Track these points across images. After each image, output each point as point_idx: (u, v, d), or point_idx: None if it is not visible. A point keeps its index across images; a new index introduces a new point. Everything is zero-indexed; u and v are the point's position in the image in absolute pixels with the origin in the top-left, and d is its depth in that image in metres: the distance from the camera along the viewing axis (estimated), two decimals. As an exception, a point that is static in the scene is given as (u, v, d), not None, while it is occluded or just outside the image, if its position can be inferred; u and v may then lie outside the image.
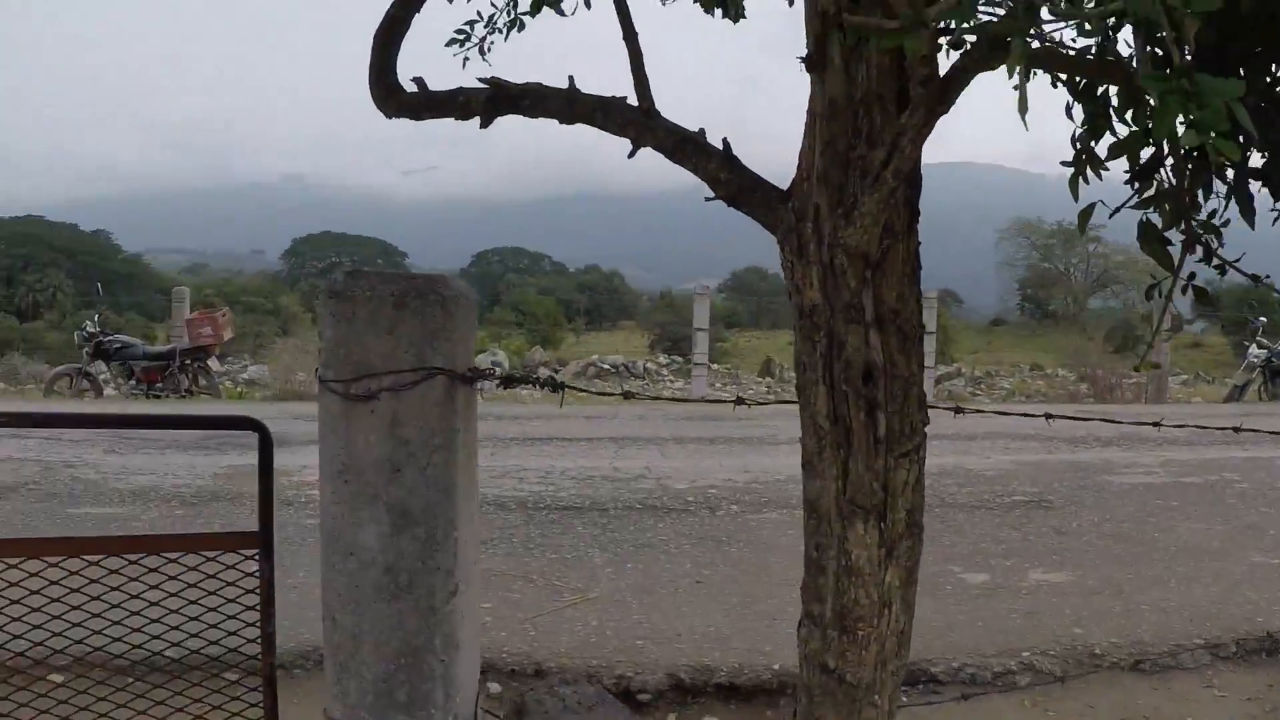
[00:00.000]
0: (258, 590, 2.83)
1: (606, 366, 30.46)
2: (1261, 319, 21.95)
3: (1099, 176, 2.29)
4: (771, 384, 29.04)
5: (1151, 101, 1.52)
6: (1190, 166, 2.20)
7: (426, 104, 2.61)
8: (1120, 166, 2.30)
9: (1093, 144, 2.30)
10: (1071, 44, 2.21)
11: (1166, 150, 2.23)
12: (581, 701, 2.07)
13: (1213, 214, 2.28)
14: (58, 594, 2.76)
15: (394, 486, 1.97)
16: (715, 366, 24.91)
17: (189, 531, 7.21)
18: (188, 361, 19.51)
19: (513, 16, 3.80)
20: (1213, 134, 1.35)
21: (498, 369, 3.25)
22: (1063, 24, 1.89)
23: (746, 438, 12.87)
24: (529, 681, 5.43)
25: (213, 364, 19.87)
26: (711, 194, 2.46)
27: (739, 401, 2.72)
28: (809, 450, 2.34)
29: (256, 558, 2.80)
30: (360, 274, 1.97)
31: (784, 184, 2.43)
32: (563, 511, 8.95)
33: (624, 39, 2.57)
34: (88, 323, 21.06)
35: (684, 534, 8.21)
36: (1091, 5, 1.74)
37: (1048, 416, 3.43)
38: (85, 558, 2.78)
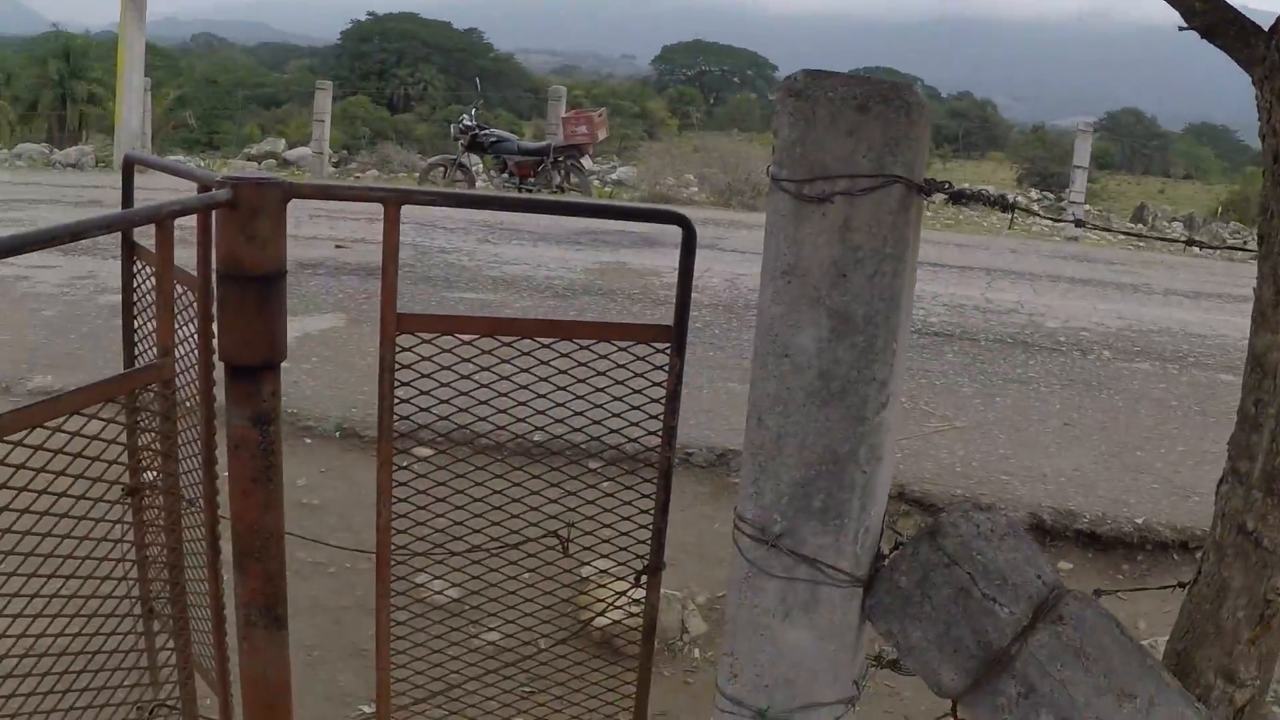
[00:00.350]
0: (662, 384, 2.87)
1: (976, 197, 29.68)
2: None
3: None
4: (1144, 230, 27.92)
5: None
6: None
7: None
8: None
9: None
10: None
11: None
12: (994, 529, 2.02)
13: None
14: (467, 370, 2.84)
15: (838, 292, 1.93)
16: (1087, 208, 24.02)
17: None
18: (561, 159, 19.84)
19: None
20: None
21: (948, 184, 3.17)
22: None
23: (1120, 284, 12.42)
24: (889, 502, 5.43)
25: (585, 162, 20.15)
26: (1185, 24, 2.29)
27: (1189, 242, 2.56)
28: (1264, 301, 2.20)
29: (668, 351, 2.82)
30: (823, 74, 1.92)
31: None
32: (933, 337, 8.86)
33: None
34: (465, 116, 21.63)
35: (1054, 373, 8.03)
36: None
37: None
38: (499, 337, 2.84)
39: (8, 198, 15.99)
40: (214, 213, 2.46)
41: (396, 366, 2.78)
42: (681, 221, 2.76)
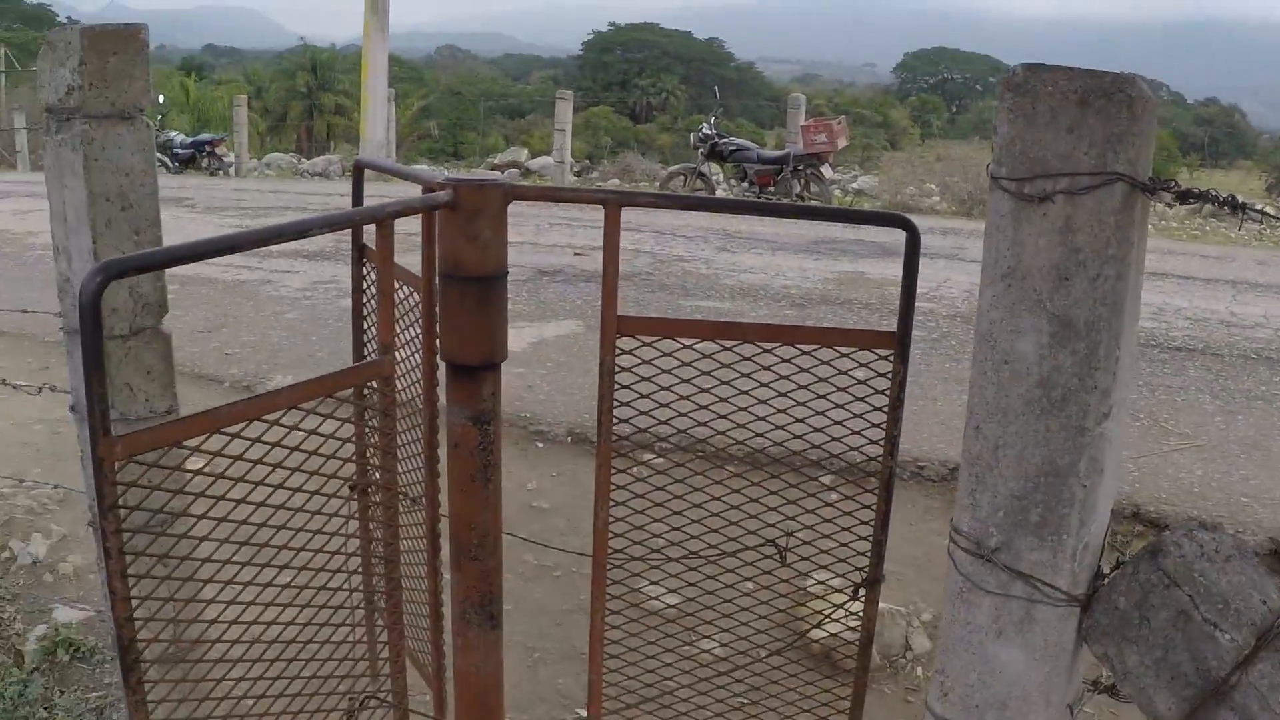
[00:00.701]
0: (885, 392, 2.81)
1: (1222, 207, 28.58)
2: None
3: None
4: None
5: None
6: None
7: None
8: None
9: None
10: None
11: None
12: (1219, 550, 1.92)
13: None
14: (688, 375, 2.83)
15: (1059, 295, 1.86)
16: (1339, 218, 22.95)
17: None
18: (800, 167, 19.70)
19: None
20: None
21: (1174, 182, 3.03)
22: None
23: (1375, 298, 11.83)
24: (1123, 522, 5.26)
25: (825, 171, 19.97)
26: None
27: None
28: None
29: (890, 358, 2.77)
30: (1043, 68, 1.86)
31: None
32: (1174, 352, 8.56)
33: None
34: (704, 124, 21.67)
35: (1301, 392, 7.68)
36: None
37: None
38: (720, 341, 2.83)
39: (258, 205, 16.66)
40: (436, 214, 2.49)
41: (617, 369, 2.79)
42: (905, 224, 2.70)
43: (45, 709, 4.16)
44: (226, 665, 2.26)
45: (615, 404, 2.80)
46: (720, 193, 20.88)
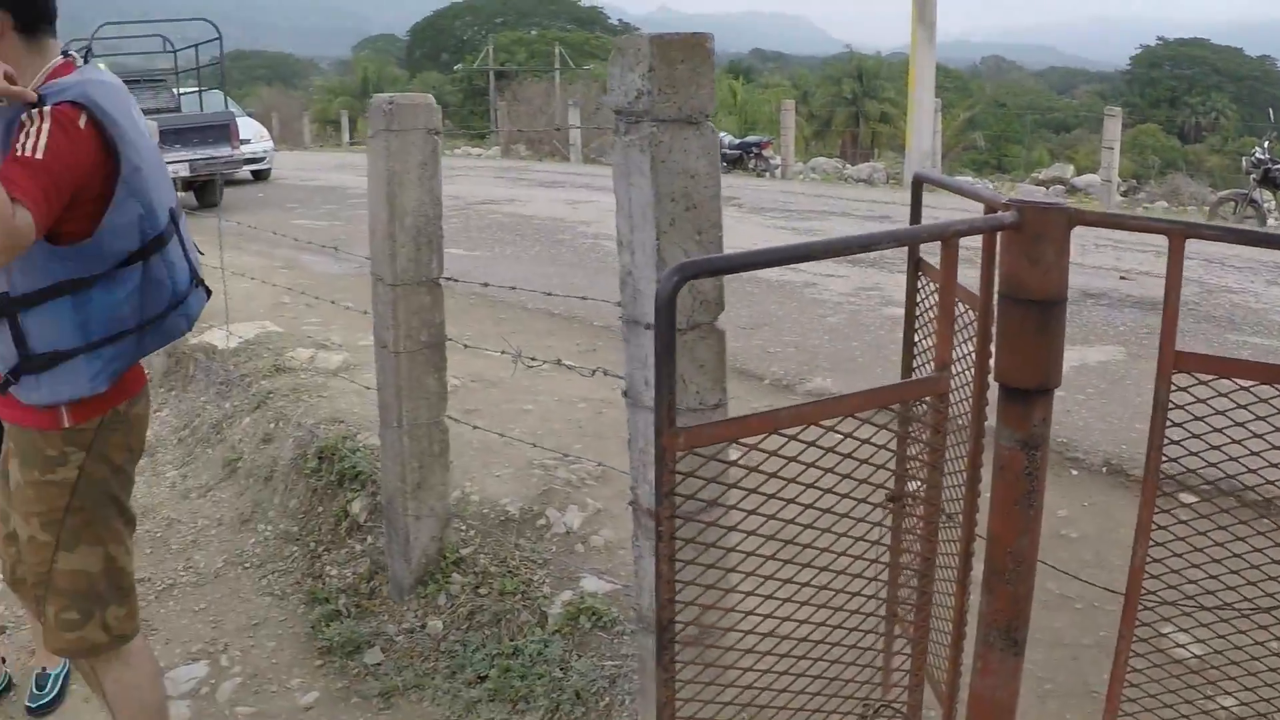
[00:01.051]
0: None
1: None
2: None
3: None
4: None
5: None
6: None
7: None
8: None
9: None
10: None
11: None
12: None
13: None
14: (1241, 418, 2.70)
15: None
16: None
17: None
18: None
19: None
20: None
21: None
22: None
23: None
24: None
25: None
26: None
27: None
28: None
29: None
30: None
31: None
32: None
33: None
34: (1257, 148, 20.38)
35: None
36: None
37: None
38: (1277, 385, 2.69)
39: (802, 208, 17.02)
40: (998, 234, 2.48)
41: (1170, 405, 2.70)
42: None
43: (561, 669, 4.42)
44: (749, 655, 2.34)
45: (1165, 441, 2.71)
46: (1272, 222, 19.69)
